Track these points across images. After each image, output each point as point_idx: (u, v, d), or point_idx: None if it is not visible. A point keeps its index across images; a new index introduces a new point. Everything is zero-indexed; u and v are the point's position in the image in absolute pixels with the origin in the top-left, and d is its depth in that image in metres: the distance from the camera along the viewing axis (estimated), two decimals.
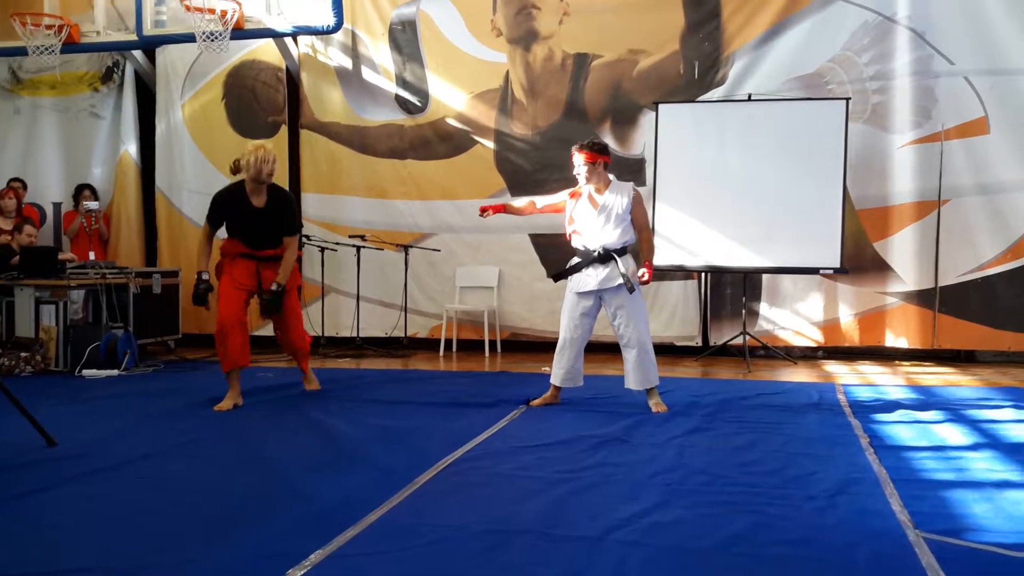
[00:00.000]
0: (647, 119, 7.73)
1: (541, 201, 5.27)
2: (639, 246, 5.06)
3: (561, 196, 5.17)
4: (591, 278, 4.99)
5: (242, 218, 5.23)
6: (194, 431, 4.47)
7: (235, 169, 5.27)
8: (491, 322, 8.06)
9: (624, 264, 4.91)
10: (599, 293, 5.01)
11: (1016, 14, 7.13)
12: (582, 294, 5.05)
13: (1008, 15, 7.14)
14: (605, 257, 4.95)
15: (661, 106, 7.38)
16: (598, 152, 4.96)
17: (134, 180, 8.95)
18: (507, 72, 8.13)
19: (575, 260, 5.10)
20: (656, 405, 5.02)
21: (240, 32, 7.62)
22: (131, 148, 8.91)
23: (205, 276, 5.26)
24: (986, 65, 7.20)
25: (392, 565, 2.56)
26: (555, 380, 5.20)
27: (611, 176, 5.06)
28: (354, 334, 8.11)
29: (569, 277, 5.12)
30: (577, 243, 5.08)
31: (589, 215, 5.00)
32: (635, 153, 7.88)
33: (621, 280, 4.88)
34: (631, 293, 4.91)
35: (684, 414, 4.91)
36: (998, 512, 3.08)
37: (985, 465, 3.78)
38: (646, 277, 4.92)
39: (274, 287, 5.22)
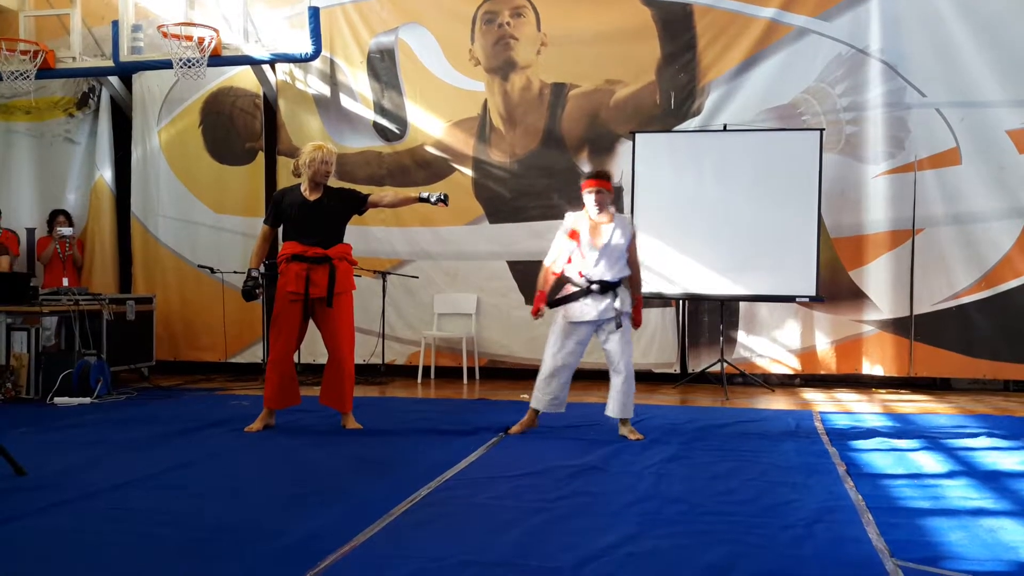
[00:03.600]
0: (624, 148, 7.78)
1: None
2: (631, 281, 5.09)
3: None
4: (591, 308, 4.96)
5: (294, 210, 5.25)
6: (166, 461, 4.39)
7: (296, 172, 5.35)
8: (469, 349, 8.03)
9: (622, 298, 4.94)
10: (597, 323, 5.01)
11: (985, 48, 7.27)
12: (579, 323, 5.02)
13: (977, 49, 7.27)
14: (604, 288, 4.95)
15: (638, 135, 7.44)
16: (610, 181, 5.09)
17: (109, 206, 8.88)
18: (485, 101, 8.17)
19: (571, 289, 5.06)
20: (631, 432, 5.01)
21: (218, 59, 7.62)
22: (106, 174, 8.85)
23: (255, 273, 5.28)
24: (956, 97, 7.32)
25: None
26: (538, 405, 5.16)
27: (612, 208, 5.13)
28: None
29: (563, 305, 5.09)
30: (572, 272, 5.06)
31: (593, 245, 4.99)
32: (612, 182, 7.90)
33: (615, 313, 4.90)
34: (618, 328, 4.92)
35: (662, 442, 4.90)
36: (974, 540, 3.09)
37: (961, 493, 3.80)
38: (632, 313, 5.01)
39: (427, 194, 5.20)
